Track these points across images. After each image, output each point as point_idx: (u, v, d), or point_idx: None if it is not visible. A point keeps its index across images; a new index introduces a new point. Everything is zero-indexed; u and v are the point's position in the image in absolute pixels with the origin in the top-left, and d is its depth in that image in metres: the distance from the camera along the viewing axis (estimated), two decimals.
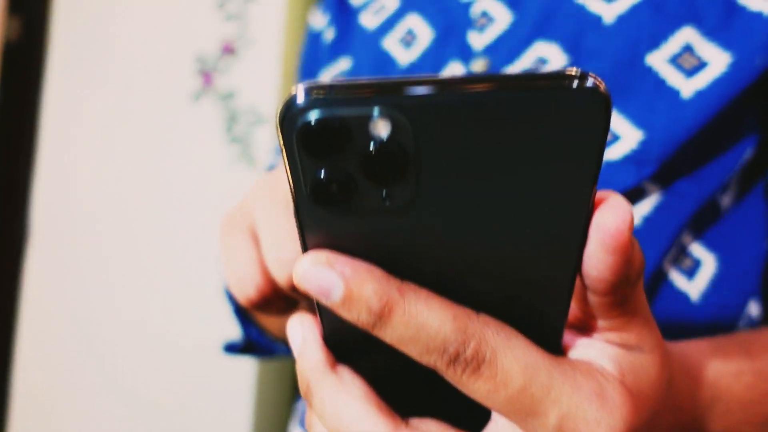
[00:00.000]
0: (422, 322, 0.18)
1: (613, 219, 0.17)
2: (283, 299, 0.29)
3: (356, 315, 0.18)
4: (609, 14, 0.36)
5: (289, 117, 0.16)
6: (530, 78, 0.15)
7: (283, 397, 1.58)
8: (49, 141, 1.56)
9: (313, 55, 0.53)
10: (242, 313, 0.50)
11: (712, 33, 0.34)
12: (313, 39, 0.54)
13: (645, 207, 0.35)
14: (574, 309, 0.21)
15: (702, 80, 0.34)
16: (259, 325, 0.50)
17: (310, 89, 0.15)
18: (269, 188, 0.28)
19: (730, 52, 0.33)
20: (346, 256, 0.18)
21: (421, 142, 0.16)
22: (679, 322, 0.36)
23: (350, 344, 0.21)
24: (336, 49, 0.49)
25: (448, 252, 0.18)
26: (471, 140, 0.16)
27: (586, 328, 0.21)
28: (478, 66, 0.40)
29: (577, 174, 0.16)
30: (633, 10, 0.35)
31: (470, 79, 0.15)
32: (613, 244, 0.17)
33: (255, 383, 1.40)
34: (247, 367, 1.39)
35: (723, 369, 0.27)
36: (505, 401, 0.18)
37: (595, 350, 0.20)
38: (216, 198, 1.44)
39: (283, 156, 0.17)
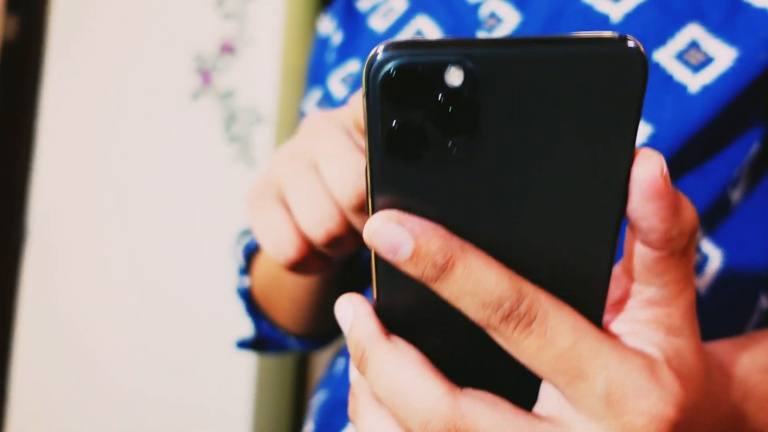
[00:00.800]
0: (480, 277, 0.19)
1: (646, 169, 0.18)
2: (318, 257, 0.31)
3: (422, 269, 0.19)
4: (616, 13, 0.36)
5: (375, 67, 0.17)
6: (582, 41, 0.17)
7: (284, 397, 1.57)
8: (47, 140, 1.56)
9: (320, 60, 0.54)
10: (254, 308, 0.51)
11: (718, 29, 0.34)
12: (321, 44, 0.55)
13: None
14: (624, 286, 0.21)
15: (708, 75, 0.34)
16: (270, 319, 0.51)
17: (394, 43, 0.17)
18: (293, 156, 0.30)
19: (736, 48, 0.34)
20: (414, 216, 0.20)
21: (487, 94, 0.17)
22: None
23: (403, 318, 0.22)
24: (345, 52, 0.50)
25: (503, 211, 0.19)
26: (531, 97, 0.17)
27: (628, 307, 0.21)
28: None
29: (621, 132, 0.18)
30: (639, 9, 0.36)
31: (536, 39, 0.17)
32: (650, 191, 0.18)
33: (254, 383, 1.39)
34: (246, 367, 1.39)
35: (750, 366, 0.27)
36: (553, 359, 0.19)
37: (639, 338, 0.21)
38: (215, 198, 1.43)
39: (364, 106, 0.18)
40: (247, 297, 0.51)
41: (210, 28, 1.48)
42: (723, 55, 0.34)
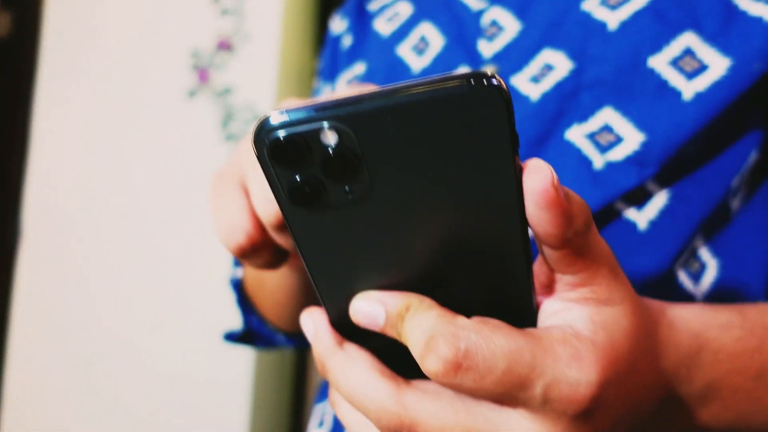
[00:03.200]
0: (411, 335, 0.23)
1: (536, 180, 0.20)
2: (271, 249, 0.32)
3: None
4: (613, 21, 0.37)
5: (260, 138, 0.20)
6: (430, 83, 0.19)
7: (283, 398, 1.57)
8: (41, 139, 1.54)
9: (331, 59, 0.56)
10: (245, 302, 0.52)
11: (712, 38, 0.35)
12: (332, 43, 0.57)
13: (651, 211, 0.36)
14: (548, 274, 0.23)
15: (702, 83, 0.35)
16: (260, 314, 0.53)
17: (274, 115, 0.20)
18: None
19: (730, 57, 0.35)
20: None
21: (364, 144, 0.20)
22: None
23: (353, 326, 0.25)
24: (353, 55, 0.52)
25: (411, 238, 0.22)
26: (403, 137, 0.19)
27: (558, 289, 0.24)
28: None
29: (498, 152, 0.20)
30: (635, 17, 0.37)
31: (396, 89, 0.19)
32: (543, 201, 0.20)
33: (253, 383, 1.39)
34: (245, 368, 1.37)
35: (711, 321, 0.29)
36: (494, 385, 0.21)
37: (570, 314, 0.23)
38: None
39: (263, 170, 0.21)
40: (239, 289, 0.52)
41: (207, 24, 1.47)
42: (717, 64, 0.35)
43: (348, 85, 0.51)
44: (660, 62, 0.36)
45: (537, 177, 0.20)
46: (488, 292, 0.24)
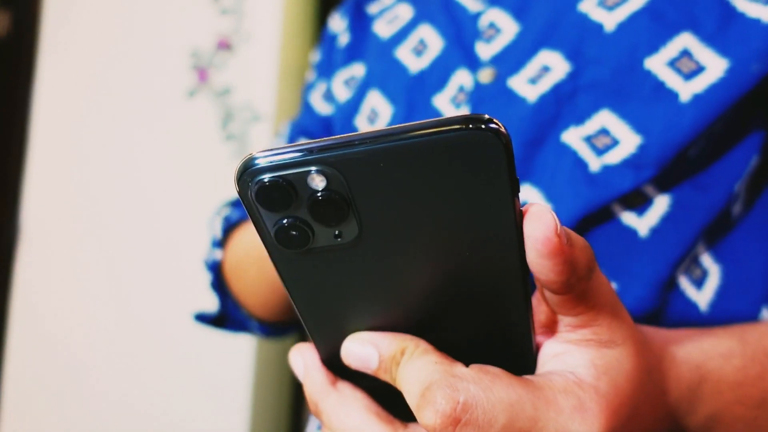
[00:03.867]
0: (406, 383, 0.22)
1: (538, 228, 0.19)
2: None
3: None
4: (610, 22, 0.37)
5: (243, 181, 0.19)
6: (425, 126, 0.18)
7: (283, 398, 1.56)
8: (40, 138, 1.54)
9: (328, 57, 0.56)
10: (220, 284, 0.52)
11: (710, 39, 0.35)
12: (329, 41, 0.57)
13: (652, 218, 0.36)
14: (548, 314, 0.23)
15: (700, 84, 0.34)
16: (235, 298, 0.52)
17: (259, 156, 0.19)
18: None
19: (728, 58, 0.34)
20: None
21: (354, 188, 0.19)
22: None
23: (345, 365, 0.24)
24: (351, 54, 0.52)
25: (404, 281, 0.21)
26: (396, 182, 0.19)
27: (559, 330, 0.23)
28: (485, 75, 0.40)
29: (496, 196, 0.19)
30: (632, 18, 0.36)
31: (383, 132, 0.18)
32: (545, 250, 0.19)
33: (253, 383, 1.38)
34: (245, 368, 1.37)
35: (712, 351, 0.28)
36: None
37: (572, 358, 0.22)
38: (211, 197, 1.42)
39: (247, 212, 0.20)
40: (216, 270, 0.52)
41: (206, 24, 1.47)
42: (714, 65, 0.34)
43: (343, 85, 0.51)
44: (657, 63, 0.35)
45: (538, 224, 0.19)
46: (486, 335, 0.23)
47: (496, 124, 0.18)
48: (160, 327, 1.42)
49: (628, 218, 0.36)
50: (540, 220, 0.19)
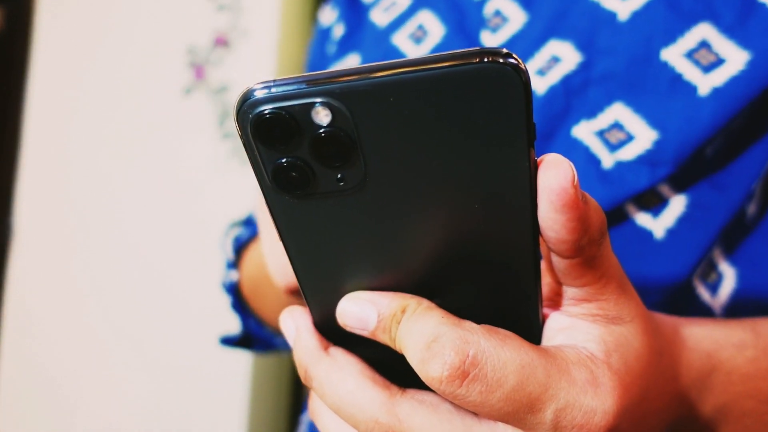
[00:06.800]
0: (409, 339, 0.20)
1: (554, 177, 0.18)
2: None
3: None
4: (623, 11, 0.35)
5: (242, 113, 0.18)
6: (438, 59, 0.16)
7: (280, 401, 1.55)
8: (35, 136, 1.53)
9: (320, 51, 0.54)
10: (241, 305, 0.50)
11: (730, 30, 0.33)
12: (322, 35, 0.55)
13: (668, 219, 0.34)
14: (553, 285, 0.22)
15: (719, 77, 0.33)
16: (257, 317, 0.51)
17: (259, 87, 0.17)
18: None
19: (749, 50, 0.33)
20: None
21: (360, 125, 0.17)
22: None
23: (340, 331, 0.23)
24: (346, 45, 0.50)
25: (409, 235, 0.20)
26: (408, 121, 0.17)
27: (564, 304, 0.22)
28: None
29: (511, 142, 0.17)
30: (648, 6, 0.35)
31: (394, 64, 0.16)
32: (560, 202, 0.18)
33: (251, 386, 1.37)
34: (243, 371, 1.36)
35: (724, 340, 0.27)
36: (501, 402, 0.19)
37: (581, 333, 0.21)
38: (208, 195, 1.41)
39: (245, 150, 0.19)
40: (234, 292, 0.50)
41: (203, 20, 1.46)
42: (735, 58, 0.33)
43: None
44: (674, 55, 0.34)
45: (555, 173, 0.18)
46: (492, 300, 0.22)
47: (516, 59, 0.16)
48: (156, 328, 1.41)
49: (643, 219, 0.35)
50: (557, 168, 0.18)
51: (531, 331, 0.22)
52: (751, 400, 0.27)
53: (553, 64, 0.37)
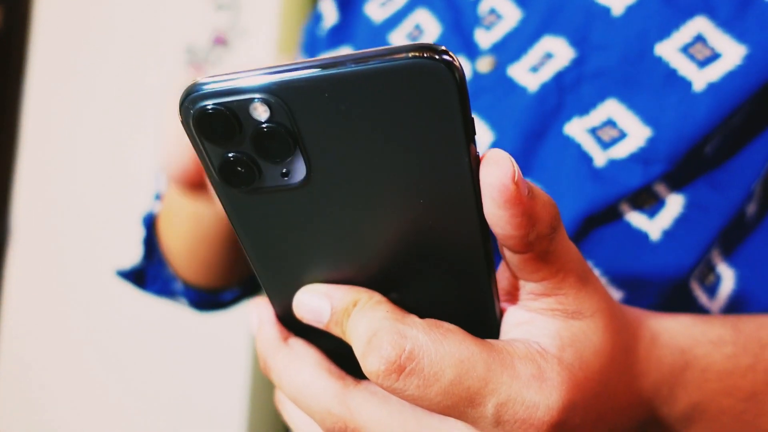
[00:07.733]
0: (354, 332, 0.21)
1: (494, 174, 0.18)
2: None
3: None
4: (618, 6, 0.35)
5: (185, 109, 0.18)
6: (373, 55, 0.16)
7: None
8: (33, 135, 1.52)
9: (313, 34, 0.54)
10: (150, 240, 0.51)
11: (726, 24, 0.33)
12: (316, 19, 0.55)
13: (664, 220, 0.34)
14: (512, 280, 0.22)
15: (715, 72, 0.32)
16: (162, 254, 0.51)
17: (201, 82, 0.17)
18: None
19: (745, 45, 0.32)
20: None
21: (299, 120, 0.17)
22: None
23: (301, 322, 0.23)
24: (338, 36, 0.50)
25: (357, 229, 0.20)
26: (343, 115, 0.17)
27: (521, 298, 0.22)
28: (484, 64, 0.39)
29: (448, 138, 0.17)
30: (642, 1, 0.34)
31: (331, 59, 0.16)
32: (501, 198, 0.18)
33: (251, 385, 1.36)
34: (243, 370, 1.35)
35: (701, 336, 0.27)
36: (440, 396, 0.19)
37: (537, 327, 0.21)
38: None
39: (192, 145, 0.19)
40: (149, 225, 0.50)
41: (202, 19, 1.45)
42: (731, 52, 0.32)
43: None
44: (668, 50, 0.33)
45: (495, 170, 0.18)
46: (446, 295, 0.22)
47: (450, 56, 0.16)
48: (156, 327, 1.41)
49: (639, 220, 0.34)
50: (496, 165, 0.18)
51: (486, 325, 0.22)
52: (728, 398, 0.26)
53: (546, 60, 0.36)
